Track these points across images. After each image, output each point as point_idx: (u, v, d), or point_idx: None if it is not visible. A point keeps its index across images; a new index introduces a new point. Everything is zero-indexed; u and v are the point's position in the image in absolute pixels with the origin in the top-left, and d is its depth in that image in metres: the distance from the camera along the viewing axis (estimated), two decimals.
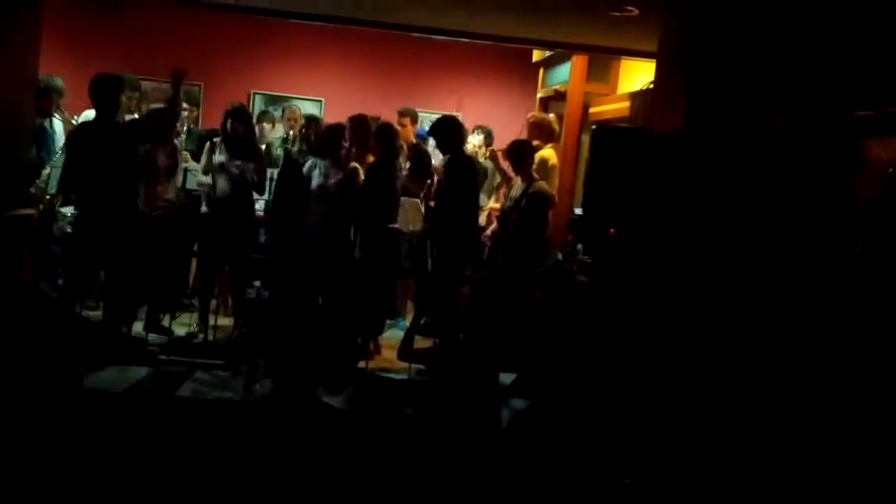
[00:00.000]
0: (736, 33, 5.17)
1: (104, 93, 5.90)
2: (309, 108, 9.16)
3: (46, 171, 6.61)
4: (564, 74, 8.37)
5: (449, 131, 6.42)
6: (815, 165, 4.23)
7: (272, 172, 6.83)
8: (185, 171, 6.83)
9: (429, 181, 6.88)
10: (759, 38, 5.03)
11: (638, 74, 7.79)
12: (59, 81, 6.85)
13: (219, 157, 6.44)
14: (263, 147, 7.24)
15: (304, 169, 6.48)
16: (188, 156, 7.02)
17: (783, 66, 4.86)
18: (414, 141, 7.56)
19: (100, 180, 5.86)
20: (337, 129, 6.50)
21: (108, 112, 5.95)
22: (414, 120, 7.91)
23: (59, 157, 6.67)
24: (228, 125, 6.43)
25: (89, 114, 6.40)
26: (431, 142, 7.89)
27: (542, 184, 6.42)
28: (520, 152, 6.46)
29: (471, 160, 6.73)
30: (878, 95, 4.28)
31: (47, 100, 6.71)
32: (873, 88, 4.28)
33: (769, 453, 3.82)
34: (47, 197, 6.54)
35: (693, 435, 4.07)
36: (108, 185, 5.87)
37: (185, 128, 7.50)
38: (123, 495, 3.93)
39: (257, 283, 6.82)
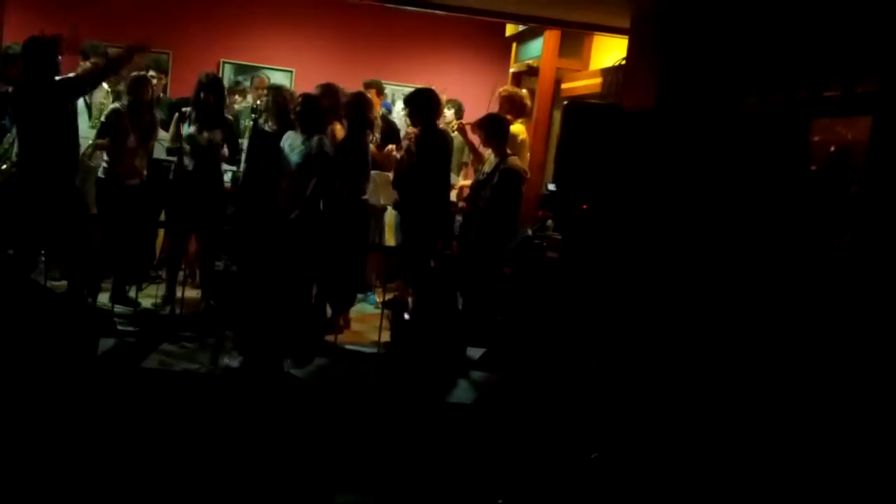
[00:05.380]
0: (708, 12, 5.18)
1: (39, 55, 5.62)
2: (279, 78, 9.07)
3: (9, 137, 6.50)
4: (537, 49, 8.34)
5: (425, 104, 6.35)
6: (774, 148, 4.27)
7: (241, 143, 6.76)
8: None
9: (394, 153, 6.84)
10: (731, 17, 5.04)
11: (610, 51, 7.78)
12: None
13: (188, 128, 6.35)
14: (231, 118, 7.16)
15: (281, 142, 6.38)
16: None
17: (754, 45, 4.88)
18: (381, 112, 7.48)
19: (40, 144, 5.67)
20: (313, 100, 6.31)
21: (46, 73, 5.66)
22: (380, 92, 7.82)
23: None
24: (201, 96, 6.33)
25: None
26: (395, 114, 7.85)
27: (516, 159, 6.37)
28: (495, 127, 6.35)
29: (445, 133, 6.63)
30: (847, 77, 4.31)
31: (16, 67, 6.57)
32: (842, 70, 4.31)
33: (737, 428, 3.86)
34: (8, 163, 6.43)
35: (661, 410, 4.11)
36: (49, 148, 5.67)
37: (154, 96, 7.38)
38: (87, 468, 3.92)
39: (226, 256, 6.76)
